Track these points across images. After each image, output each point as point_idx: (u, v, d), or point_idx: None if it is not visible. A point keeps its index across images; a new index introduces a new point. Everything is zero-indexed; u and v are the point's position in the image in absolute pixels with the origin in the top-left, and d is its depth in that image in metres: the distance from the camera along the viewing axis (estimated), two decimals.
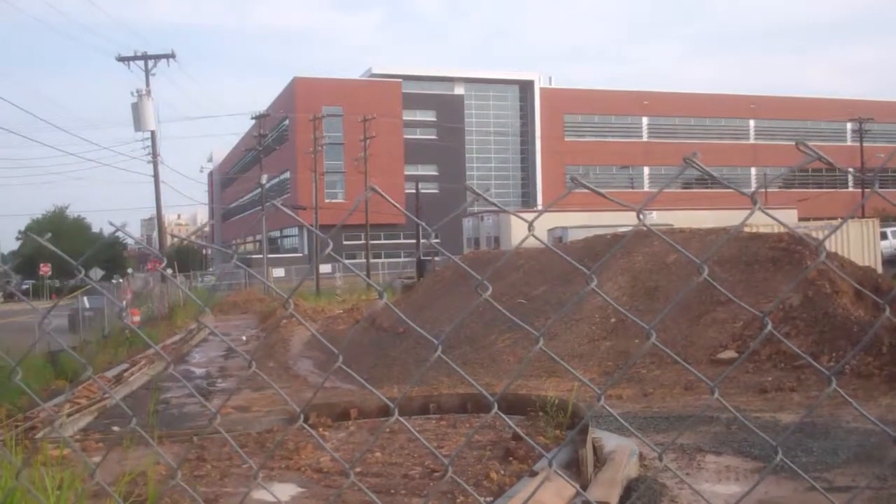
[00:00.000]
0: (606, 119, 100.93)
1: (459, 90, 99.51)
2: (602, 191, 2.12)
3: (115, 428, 13.27)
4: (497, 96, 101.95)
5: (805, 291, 17.58)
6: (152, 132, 47.53)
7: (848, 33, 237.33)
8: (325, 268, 64.24)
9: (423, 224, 2.43)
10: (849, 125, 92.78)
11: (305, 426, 2.70)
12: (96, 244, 4.89)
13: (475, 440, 10.13)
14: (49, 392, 18.13)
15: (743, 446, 10.01)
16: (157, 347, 3.26)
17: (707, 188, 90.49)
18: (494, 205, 1.93)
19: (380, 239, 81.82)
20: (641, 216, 2.06)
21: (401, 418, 2.45)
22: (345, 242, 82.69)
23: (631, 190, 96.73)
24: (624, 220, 38.40)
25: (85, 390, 16.31)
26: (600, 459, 8.79)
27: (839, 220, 40.00)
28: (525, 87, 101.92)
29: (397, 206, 2.71)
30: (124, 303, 35.03)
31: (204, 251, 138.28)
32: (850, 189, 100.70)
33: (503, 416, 2.56)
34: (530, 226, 1.87)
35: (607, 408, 2.26)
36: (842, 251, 28.65)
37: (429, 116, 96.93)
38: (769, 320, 2.17)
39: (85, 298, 34.66)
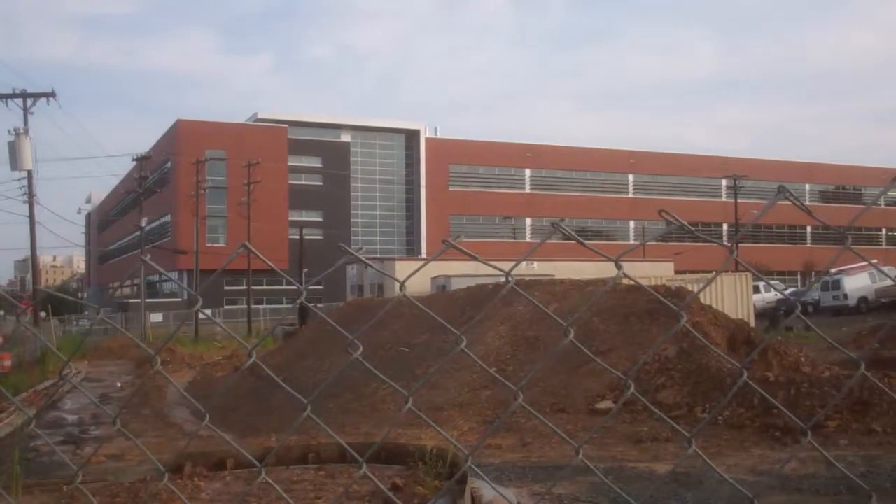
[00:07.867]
0: (491, 170, 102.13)
1: (346, 137, 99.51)
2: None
3: None
4: (383, 144, 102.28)
5: (680, 343, 18.03)
6: (29, 172, 46.18)
7: (726, 94, 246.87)
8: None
9: (297, 282, 2.42)
10: (724, 181, 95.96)
11: (168, 484, 2.64)
12: None
13: (354, 490, 10.01)
14: None
15: (619, 497, 10.15)
16: (16, 401, 3.14)
17: (588, 239, 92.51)
18: (366, 263, 1.94)
19: (262, 284, 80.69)
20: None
21: (267, 477, 2.41)
22: (226, 287, 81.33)
23: (514, 241, 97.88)
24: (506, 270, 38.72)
25: None
26: None
27: (714, 273, 41.33)
28: (411, 137, 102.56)
29: (271, 263, 2.69)
30: None
31: (79, 294, 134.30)
32: (726, 244, 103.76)
33: (371, 476, 2.54)
34: (402, 285, 1.89)
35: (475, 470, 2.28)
36: (716, 304, 29.47)
37: (314, 163, 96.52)
38: (643, 374, 2.21)
39: None
